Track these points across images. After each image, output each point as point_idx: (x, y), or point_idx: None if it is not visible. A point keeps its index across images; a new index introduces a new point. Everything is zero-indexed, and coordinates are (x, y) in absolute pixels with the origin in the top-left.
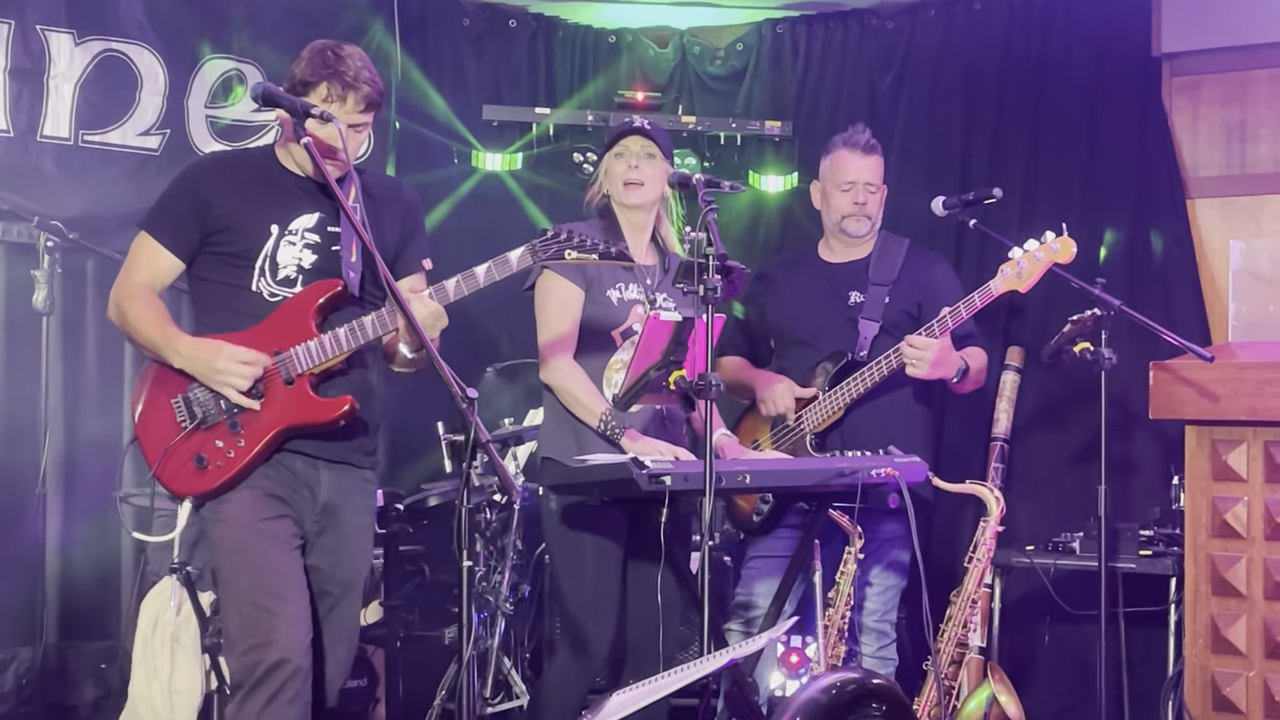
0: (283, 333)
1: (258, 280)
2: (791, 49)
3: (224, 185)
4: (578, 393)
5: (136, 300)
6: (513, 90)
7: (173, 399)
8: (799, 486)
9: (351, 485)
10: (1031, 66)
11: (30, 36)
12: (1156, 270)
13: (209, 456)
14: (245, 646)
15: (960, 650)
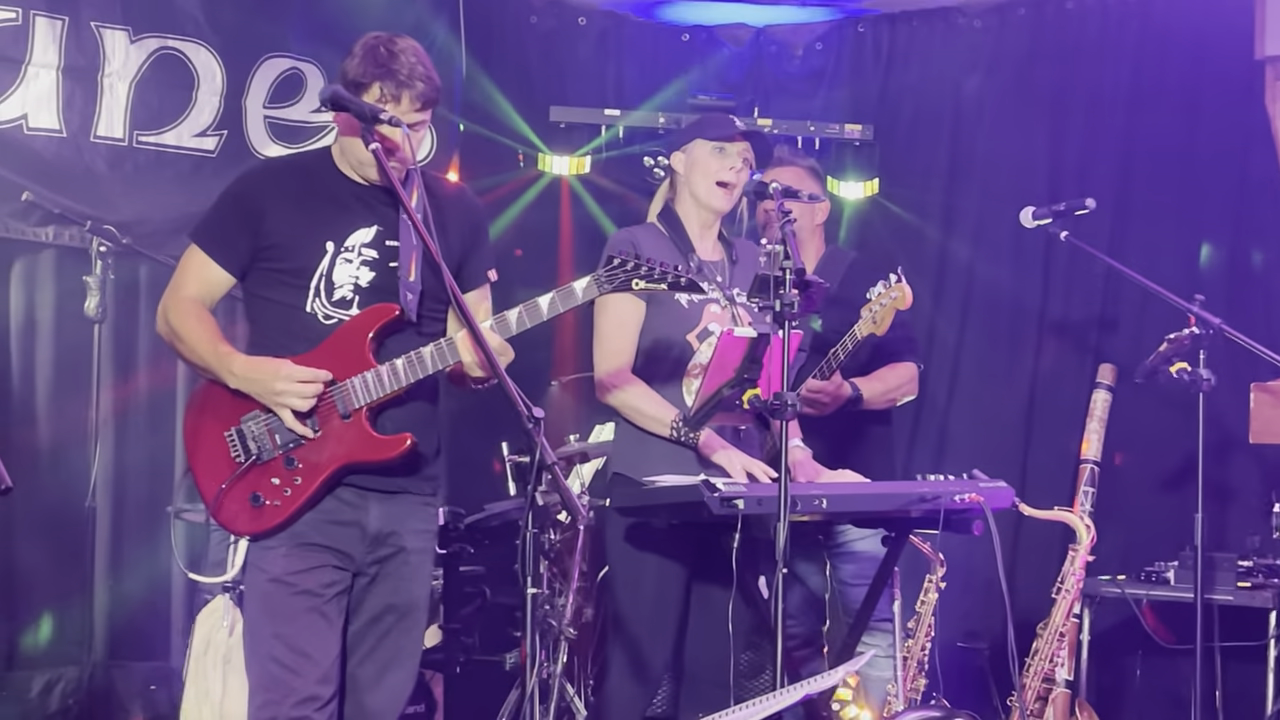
0: (338, 361)
1: (312, 301)
2: (873, 48)
3: (277, 197)
4: (642, 406)
5: (188, 317)
6: (581, 91)
7: (225, 432)
8: (879, 511)
9: (408, 512)
10: (1126, 69)
11: (84, 33)
12: (1258, 286)
13: (265, 495)
14: (261, 700)
15: (1046, 686)
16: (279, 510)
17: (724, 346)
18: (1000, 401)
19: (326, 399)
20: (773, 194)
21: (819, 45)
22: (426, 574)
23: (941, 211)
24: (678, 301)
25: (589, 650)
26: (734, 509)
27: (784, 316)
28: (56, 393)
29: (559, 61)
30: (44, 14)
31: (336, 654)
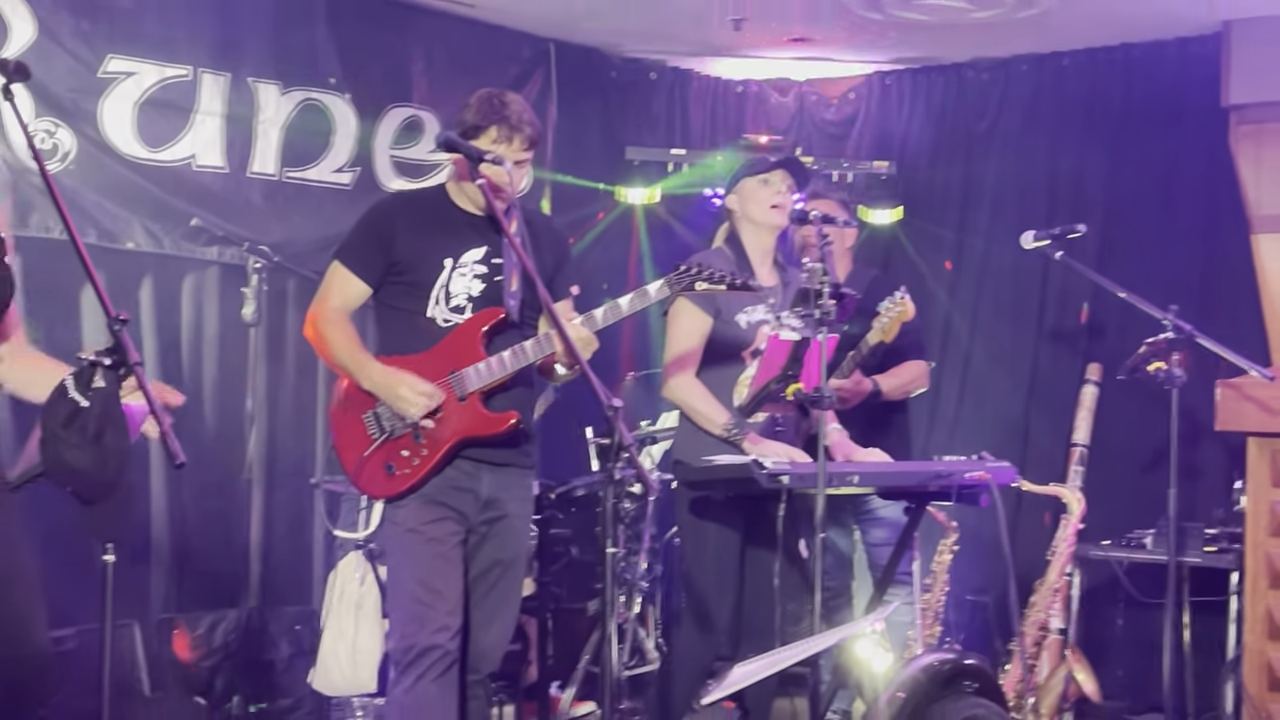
0: (455, 354)
1: (433, 307)
2: (897, 97)
3: (405, 223)
4: (699, 406)
5: (332, 325)
6: (652, 133)
7: (364, 414)
8: (900, 486)
9: (512, 482)
10: (1113, 114)
11: (242, 87)
12: (1223, 298)
13: (396, 464)
14: (402, 633)
15: (1042, 633)
16: (408, 477)
17: (772, 348)
18: (1004, 393)
19: (445, 385)
20: (812, 221)
21: (851, 95)
22: (525, 535)
23: (955, 234)
24: (737, 323)
25: (657, 600)
26: (779, 483)
27: (822, 323)
28: (219, 385)
29: (634, 108)
30: (209, 71)
31: (461, 592)
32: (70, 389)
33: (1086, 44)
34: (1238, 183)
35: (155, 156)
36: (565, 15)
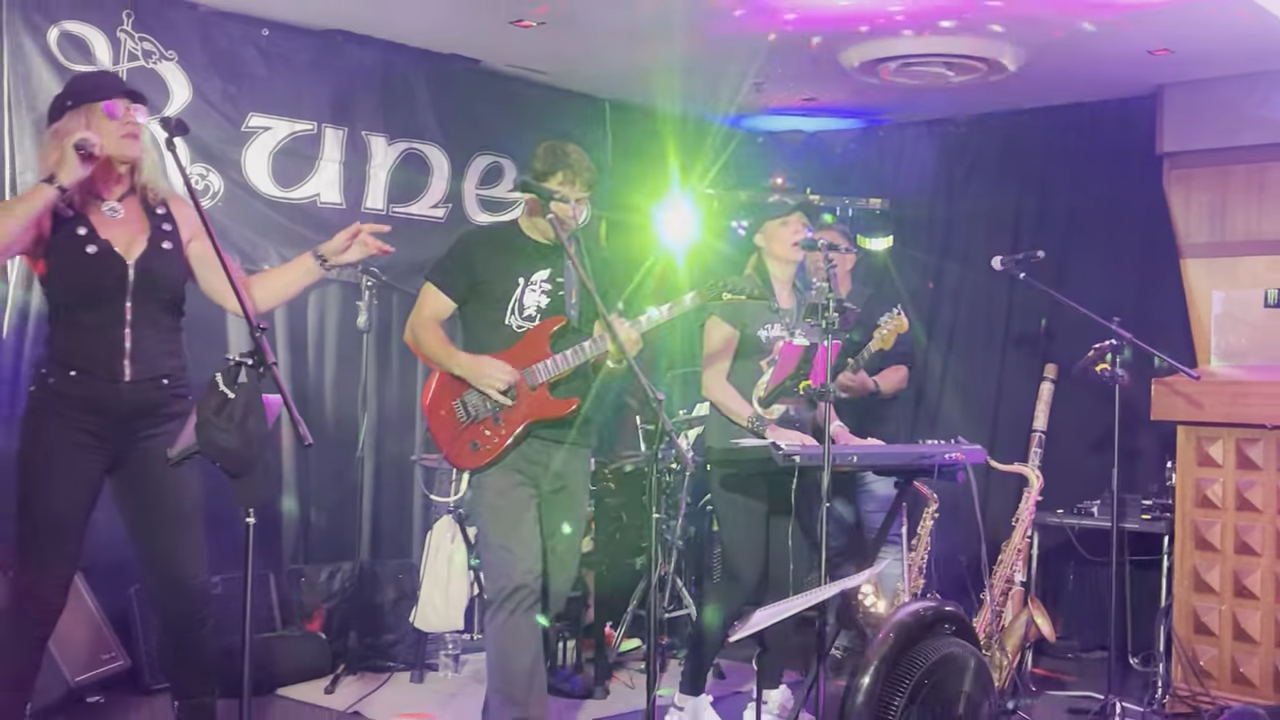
0: (528, 353)
1: (509, 316)
2: (889, 146)
3: (485, 251)
4: (729, 403)
5: (427, 330)
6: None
7: (454, 401)
8: (891, 465)
9: (576, 458)
10: (1067, 161)
11: (357, 139)
12: (1157, 311)
13: (480, 441)
14: (494, 576)
15: (1007, 585)
16: (490, 451)
17: (786, 352)
18: (978, 388)
19: (519, 379)
20: (820, 248)
21: (852, 144)
22: (585, 503)
23: (938, 259)
24: (758, 336)
25: (692, 557)
26: (793, 462)
27: (827, 331)
28: (338, 380)
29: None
30: (330, 125)
31: (539, 543)
32: (220, 383)
33: (1045, 103)
34: (1169, 217)
35: (287, 195)
36: (618, 79)
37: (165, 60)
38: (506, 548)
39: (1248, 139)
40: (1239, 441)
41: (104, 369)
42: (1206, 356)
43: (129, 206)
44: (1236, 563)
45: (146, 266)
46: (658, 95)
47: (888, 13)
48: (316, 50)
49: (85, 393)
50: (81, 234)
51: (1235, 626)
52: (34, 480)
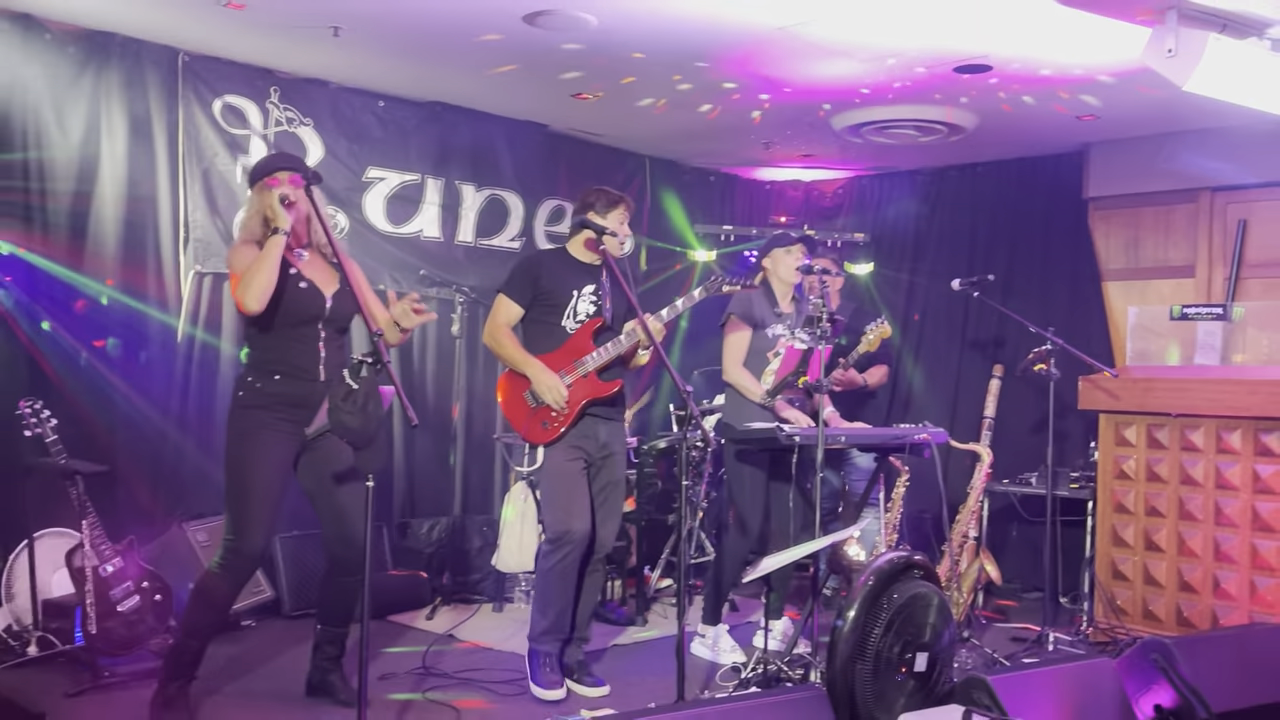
0: (577, 348)
1: (566, 320)
2: (871, 191)
3: (546, 270)
4: (746, 383)
5: (506, 336)
6: (710, 213)
7: (524, 392)
8: (872, 443)
9: (617, 431)
10: (1012, 202)
11: (452, 186)
12: (1083, 323)
13: (549, 421)
14: (556, 525)
15: (964, 539)
16: (556, 428)
17: (788, 354)
18: (940, 383)
19: (573, 368)
20: (816, 272)
21: (840, 190)
22: (625, 465)
23: (909, 280)
24: (766, 334)
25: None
26: (794, 441)
27: (820, 338)
28: (436, 375)
29: (699, 198)
30: (431, 176)
31: (589, 503)
32: (347, 377)
33: (994, 157)
34: (1093, 248)
35: (397, 230)
36: (655, 139)
37: (304, 125)
38: (565, 507)
39: (1157, 186)
40: (1149, 426)
41: (305, 373)
42: (1123, 359)
43: (312, 255)
44: (1147, 523)
45: (339, 301)
46: (686, 152)
47: (863, 86)
48: (421, 117)
49: (290, 391)
50: (293, 273)
51: (1145, 574)
52: (248, 465)
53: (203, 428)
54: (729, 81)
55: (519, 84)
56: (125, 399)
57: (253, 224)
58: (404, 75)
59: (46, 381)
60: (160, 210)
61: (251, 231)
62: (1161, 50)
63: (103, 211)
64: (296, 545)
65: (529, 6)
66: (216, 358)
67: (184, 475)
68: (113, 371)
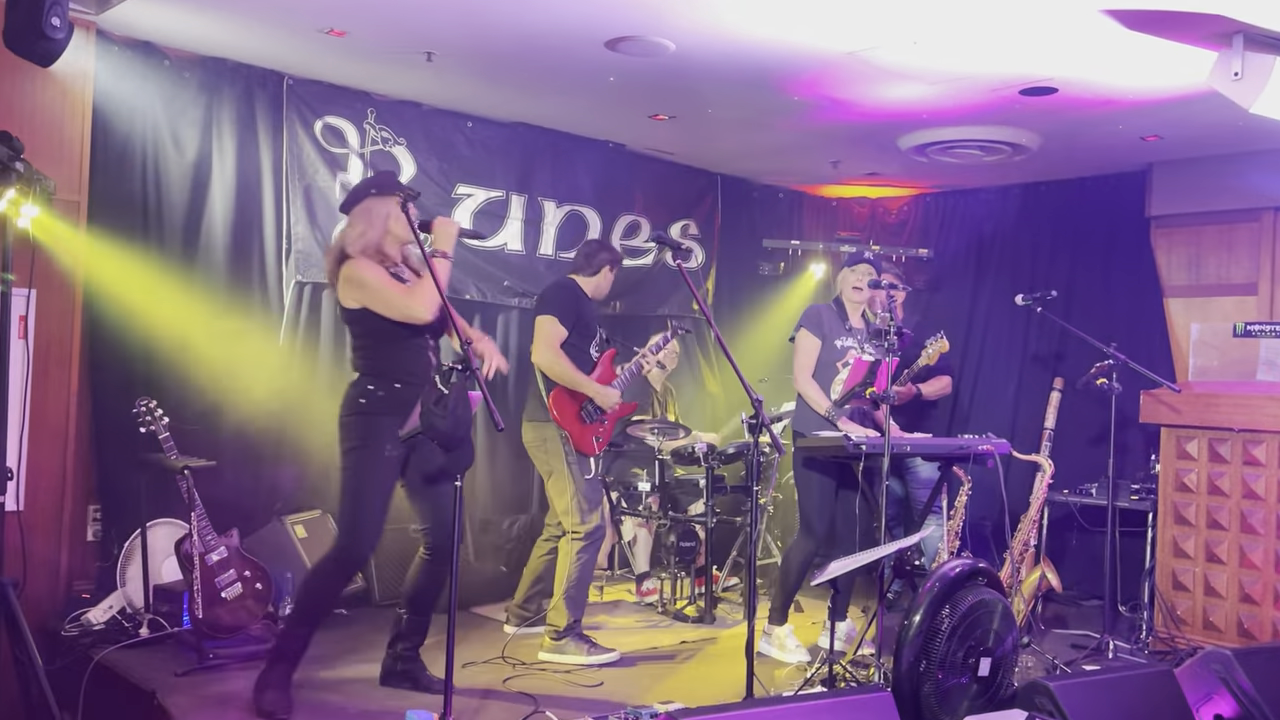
0: (606, 373)
1: (592, 348)
2: (935, 208)
3: (583, 302)
4: (814, 395)
5: (562, 357)
6: (778, 229)
7: (579, 408)
8: (936, 453)
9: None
10: (1075, 220)
11: (533, 202)
12: (1145, 337)
13: (600, 435)
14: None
15: (1025, 547)
16: (604, 441)
17: (856, 366)
18: (1002, 396)
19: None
20: (884, 287)
21: (905, 207)
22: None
23: (971, 295)
24: (835, 345)
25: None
26: (860, 450)
27: (888, 350)
28: (517, 381)
29: (769, 214)
30: (515, 193)
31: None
32: (438, 383)
33: (1057, 176)
34: (1155, 265)
35: (483, 244)
36: (726, 158)
37: (398, 145)
38: (596, 505)
39: (1219, 205)
40: (1210, 440)
41: (420, 379)
42: (1184, 374)
43: (410, 270)
44: (1208, 535)
45: (439, 313)
46: (756, 170)
47: (930, 108)
48: (506, 137)
49: (410, 397)
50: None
51: (1206, 584)
52: (369, 470)
53: (301, 428)
54: (799, 103)
55: (598, 105)
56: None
57: (373, 237)
58: (491, 98)
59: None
60: (265, 224)
61: (368, 244)
62: (1228, 73)
63: (213, 225)
64: (387, 539)
65: (611, 32)
66: (315, 361)
67: (283, 473)
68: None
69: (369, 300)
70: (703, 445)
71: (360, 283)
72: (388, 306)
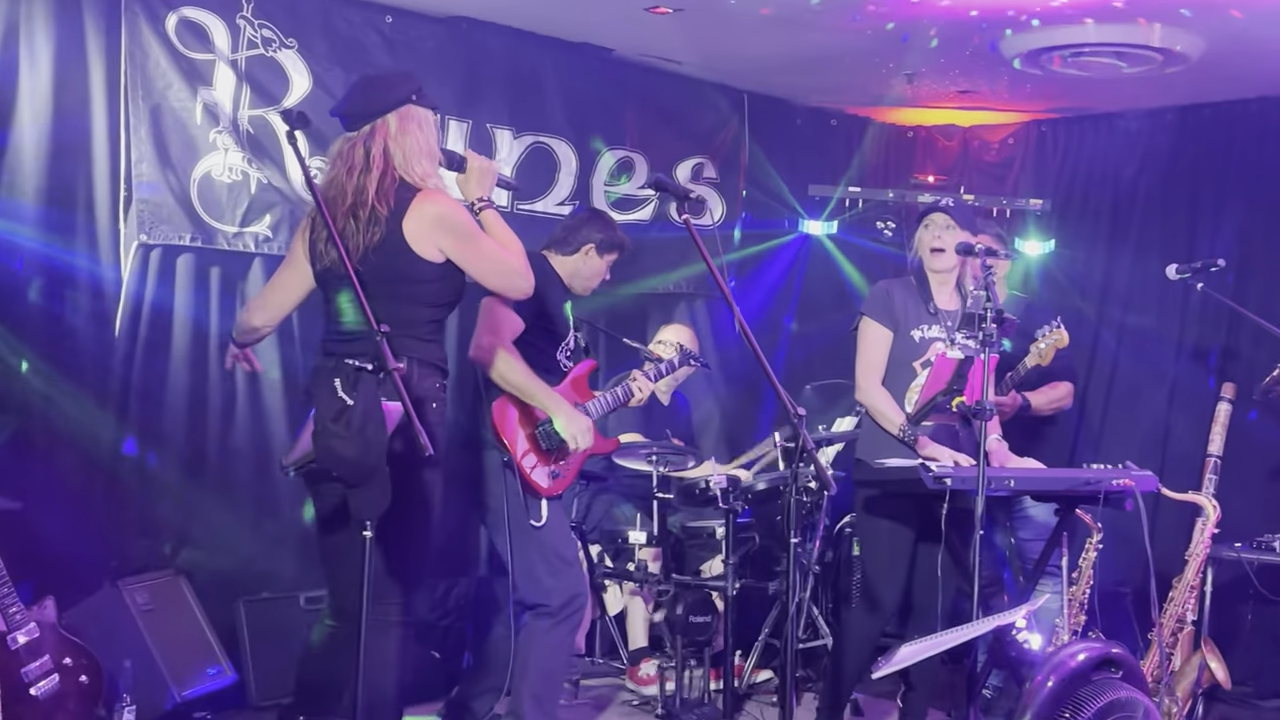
0: (577, 392)
1: (561, 354)
2: (1052, 143)
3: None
4: (883, 409)
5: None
6: (829, 170)
7: (535, 429)
8: (1052, 490)
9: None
10: (1249, 160)
11: (482, 132)
12: None
13: (561, 471)
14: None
15: (1178, 625)
16: (563, 482)
17: (939, 365)
18: (1145, 409)
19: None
20: (978, 253)
21: (1010, 140)
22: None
23: (1104, 264)
24: (911, 337)
25: (829, 582)
26: (944, 485)
27: (985, 343)
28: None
29: (817, 151)
30: (454, 118)
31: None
32: (339, 389)
33: (1227, 96)
34: None
35: None
36: (758, 69)
37: (285, 48)
38: (570, 563)
39: None
40: None
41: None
42: None
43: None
44: None
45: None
46: (800, 87)
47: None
48: (441, 38)
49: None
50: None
51: None
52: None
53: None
54: None
55: None
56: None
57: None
58: None
59: None
60: (95, 162)
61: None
62: None
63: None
64: (266, 612)
65: None
66: (166, 357)
67: (125, 514)
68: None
69: (468, 254)
70: (721, 479)
71: (456, 226)
72: (495, 267)
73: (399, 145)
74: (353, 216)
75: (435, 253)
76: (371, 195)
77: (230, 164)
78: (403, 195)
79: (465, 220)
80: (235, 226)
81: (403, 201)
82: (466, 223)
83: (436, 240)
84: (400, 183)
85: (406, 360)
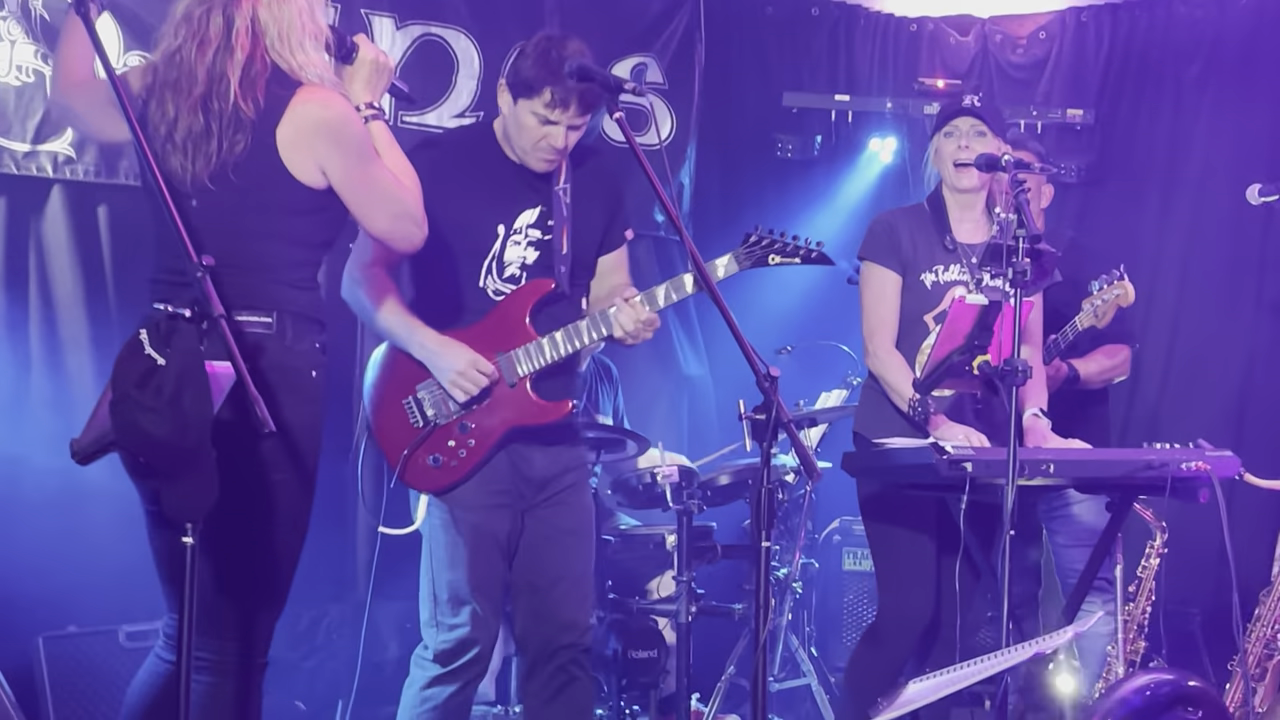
0: (503, 333)
1: (485, 278)
2: (1095, 37)
3: (455, 176)
4: (890, 377)
5: (377, 286)
6: (812, 77)
7: (403, 400)
8: (1104, 478)
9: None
10: None
11: (354, 19)
12: None
13: (443, 456)
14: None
15: (1268, 651)
16: (455, 470)
17: (955, 313)
18: (1216, 376)
19: (494, 371)
20: (1005, 166)
21: (1042, 34)
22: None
23: (1160, 192)
24: (921, 282)
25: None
26: (962, 471)
27: (1016, 284)
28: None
29: (792, 50)
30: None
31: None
32: (145, 345)
33: None
34: None
35: None
36: None
37: None
38: (462, 597)
39: None
40: None
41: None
42: None
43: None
44: None
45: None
46: None
47: None
48: None
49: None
50: None
51: None
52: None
53: None
54: None
55: None
56: None
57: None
58: None
59: None
60: None
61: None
62: None
63: None
64: (73, 651)
65: None
66: None
67: None
68: None
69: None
70: (671, 471)
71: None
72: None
73: (274, 17)
74: (203, 111)
75: (316, 174)
76: (234, 86)
77: (19, 60)
78: (276, 91)
79: (360, 133)
80: (27, 144)
81: (276, 100)
82: (361, 136)
83: (318, 155)
84: (273, 71)
85: (277, 315)
